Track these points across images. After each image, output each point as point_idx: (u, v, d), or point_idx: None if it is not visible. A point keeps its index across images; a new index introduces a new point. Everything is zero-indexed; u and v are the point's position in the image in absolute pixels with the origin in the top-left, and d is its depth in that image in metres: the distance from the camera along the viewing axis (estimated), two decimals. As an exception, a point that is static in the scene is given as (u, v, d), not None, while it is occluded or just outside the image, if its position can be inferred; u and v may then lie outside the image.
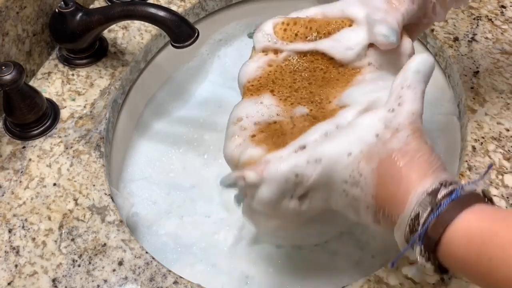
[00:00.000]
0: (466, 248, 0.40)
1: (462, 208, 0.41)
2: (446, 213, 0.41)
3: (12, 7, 0.65)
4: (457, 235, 0.41)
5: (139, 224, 0.69)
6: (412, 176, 0.44)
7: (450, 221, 0.41)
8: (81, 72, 0.73)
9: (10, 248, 0.58)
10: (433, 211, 0.41)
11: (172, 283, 0.56)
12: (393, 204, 0.44)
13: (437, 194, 0.42)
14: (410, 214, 0.43)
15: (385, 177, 0.45)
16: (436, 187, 0.43)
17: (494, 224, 0.40)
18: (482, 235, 0.40)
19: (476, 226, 0.41)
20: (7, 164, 0.64)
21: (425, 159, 0.45)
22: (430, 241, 0.42)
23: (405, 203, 0.43)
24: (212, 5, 0.85)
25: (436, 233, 0.41)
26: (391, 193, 0.45)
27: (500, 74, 0.72)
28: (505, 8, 0.80)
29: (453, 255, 0.41)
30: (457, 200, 0.42)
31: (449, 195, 0.42)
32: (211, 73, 0.85)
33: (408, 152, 0.45)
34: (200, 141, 0.77)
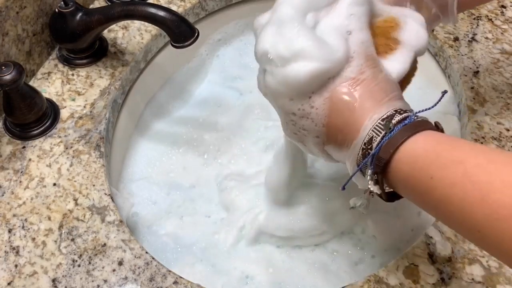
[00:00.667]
0: (411, 167, 0.42)
1: (413, 132, 0.43)
2: (398, 136, 0.43)
3: (12, 7, 0.65)
4: (404, 156, 0.42)
5: (139, 224, 0.69)
6: (367, 104, 0.45)
7: (400, 143, 0.42)
8: (81, 72, 0.73)
9: (10, 248, 0.58)
10: (386, 135, 0.43)
11: (172, 283, 0.56)
12: (346, 131, 0.45)
13: (392, 120, 0.43)
14: (364, 139, 0.44)
15: (339, 105, 0.46)
16: (391, 114, 0.44)
17: (438, 146, 0.42)
18: (427, 156, 0.41)
19: (423, 147, 0.42)
20: (7, 164, 0.64)
21: (381, 87, 0.46)
22: (380, 161, 0.43)
23: (359, 129, 0.45)
24: (212, 5, 0.85)
25: (386, 153, 0.43)
26: (345, 121, 0.45)
27: (500, 74, 0.72)
28: (505, 8, 0.80)
29: (399, 174, 0.43)
30: (409, 125, 0.43)
31: (402, 121, 0.43)
32: (210, 73, 0.85)
33: (363, 81, 0.45)
34: (200, 141, 0.77)
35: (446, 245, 0.58)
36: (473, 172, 0.39)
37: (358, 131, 0.45)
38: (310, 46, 0.46)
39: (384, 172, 0.44)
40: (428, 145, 0.42)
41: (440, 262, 0.57)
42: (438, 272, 0.56)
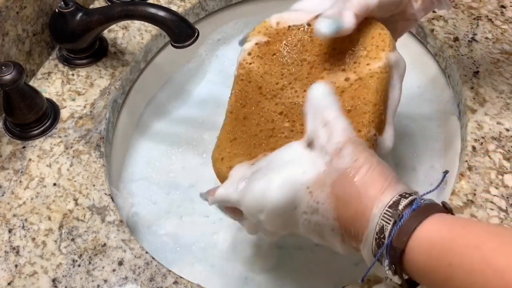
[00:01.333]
0: (427, 255, 0.41)
1: (423, 217, 0.42)
2: (408, 223, 0.42)
3: (12, 7, 0.65)
4: (419, 243, 0.41)
5: (139, 224, 0.69)
6: (370, 192, 0.44)
7: (412, 231, 0.42)
8: (81, 72, 0.73)
9: (10, 248, 0.58)
10: (396, 223, 0.42)
11: (172, 283, 0.56)
12: (357, 222, 0.45)
13: (398, 206, 0.43)
14: (375, 228, 0.43)
15: (344, 197, 0.45)
16: (396, 199, 0.43)
17: (453, 231, 0.41)
18: (442, 242, 0.41)
19: (437, 234, 0.41)
20: (7, 164, 0.64)
21: (378, 172, 0.45)
22: (395, 252, 0.42)
23: (368, 219, 0.44)
24: (212, 5, 0.85)
25: (400, 243, 0.42)
26: (353, 212, 0.45)
27: (500, 74, 0.72)
28: (505, 8, 0.80)
29: (416, 264, 0.42)
30: (418, 210, 0.42)
31: (409, 205, 0.43)
32: (209, 73, 0.85)
33: (359, 168, 0.45)
34: (199, 141, 0.77)
35: (446, 245, 0.58)
36: (491, 257, 0.38)
37: (368, 221, 0.44)
38: None
39: (401, 262, 0.43)
40: (442, 231, 0.41)
41: (440, 262, 0.57)
42: (438, 272, 0.56)
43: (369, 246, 0.44)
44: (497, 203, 0.61)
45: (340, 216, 0.46)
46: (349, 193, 0.45)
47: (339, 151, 0.46)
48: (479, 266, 0.38)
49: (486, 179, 0.62)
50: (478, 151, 0.65)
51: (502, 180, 0.63)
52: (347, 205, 0.45)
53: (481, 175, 0.63)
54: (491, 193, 0.61)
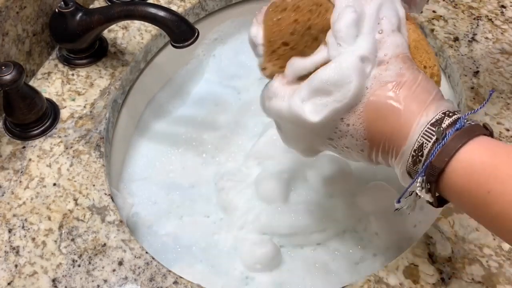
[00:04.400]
0: (467, 179, 0.40)
1: (467, 139, 0.41)
2: (451, 143, 0.41)
3: (12, 7, 0.65)
4: (460, 166, 0.40)
5: (139, 224, 0.69)
6: (412, 107, 0.43)
7: (455, 151, 0.40)
8: (81, 72, 0.73)
9: (10, 248, 0.58)
10: (438, 141, 0.41)
11: (172, 283, 0.56)
12: (393, 137, 0.44)
13: (441, 124, 0.42)
14: (413, 145, 0.42)
15: (382, 112, 0.44)
16: (440, 117, 0.42)
17: (496, 158, 0.40)
18: (484, 168, 0.40)
19: (479, 158, 0.40)
20: (7, 164, 0.64)
21: (423, 87, 0.44)
22: (434, 170, 0.41)
23: (407, 135, 0.43)
24: (212, 5, 0.85)
25: (441, 162, 0.41)
26: (391, 127, 0.44)
27: (500, 74, 0.72)
28: (505, 8, 0.80)
29: (454, 186, 0.41)
30: (461, 130, 0.41)
31: (453, 125, 0.41)
32: (207, 73, 0.86)
33: (404, 83, 0.44)
34: (199, 141, 0.77)
35: (446, 245, 0.58)
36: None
37: (406, 137, 0.43)
38: None
39: (437, 181, 0.42)
40: (485, 156, 0.40)
41: (440, 262, 0.57)
42: (438, 272, 0.56)
43: (404, 162, 0.43)
44: (497, 203, 0.61)
45: (372, 132, 0.45)
46: (391, 106, 0.44)
47: (387, 64, 0.45)
48: None
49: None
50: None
51: (502, 180, 0.62)
52: (386, 119, 0.44)
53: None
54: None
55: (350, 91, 0.44)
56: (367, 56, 0.45)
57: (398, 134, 0.43)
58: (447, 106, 0.44)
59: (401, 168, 0.44)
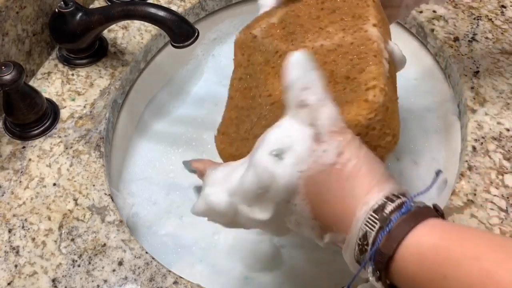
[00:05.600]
0: (419, 265, 0.38)
1: (414, 223, 0.39)
2: (398, 228, 0.39)
3: (12, 7, 0.65)
4: (409, 251, 0.38)
5: (139, 224, 0.69)
6: (354, 191, 0.41)
7: (402, 236, 0.38)
8: (81, 72, 0.73)
9: (10, 248, 0.58)
10: (382, 228, 0.39)
11: (172, 283, 0.56)
12: (338, 224, 0.42)
13: (384, 210, 0.39)
14: (358, 234, 0.40)
15: (324, 196, 0.42)
16: (382, 203, 0.40)
17: (448, 240, 0.38)
18: (436, 251, 0.37)
19: (430, 242, 0.38)
20: (7, 164, 0.64)
21: (365, 169, 0.41)
22: (383, 257, 0.39)
23: (351, 223, 0.40)
24: (212, 5, 0.85)
25: (388, 249, 0.38)
26: (333, 214, 0.42)
27: (500, 74, 0.72)
28: (505, 8, 0.80)
29: (405, 273, 0.39)
30: (408, 214, 0.39)
31: (397, 209, 0.39)
32: (206, 73, 0.86)
33: (345, 166, 0.41)
34: (199, 141, 0.77)
35: (446, 245, 0.58)
36: (494, 270, 0.35)
37: (350, 226, 0.40)
38: None
39: (387, 269, 0.39)
40: (435, 239, 0.38)
41: (440, 262, 0.57)
42: (438, 272, 0.56)
43: (351, 251, 0.41)
44: (497, 203, 0.61)
45: (320, 215, 0.43)
46: (330, 192, 0.41)
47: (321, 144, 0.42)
48: (479, 280, 0.35)
49: (486, 179, 0.62)
50: (478, 151, 0.65)
51: (502, 180, 0.62)
52: (330, 204, 0.42)
53: (481, 175, 0.63)
54: (491, 193, 0.61)
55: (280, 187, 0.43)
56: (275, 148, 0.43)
57: (342, 222, 0.41)
58: (392, 189, 0.41)
59: (349, 256, 0.42)
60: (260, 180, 0.43)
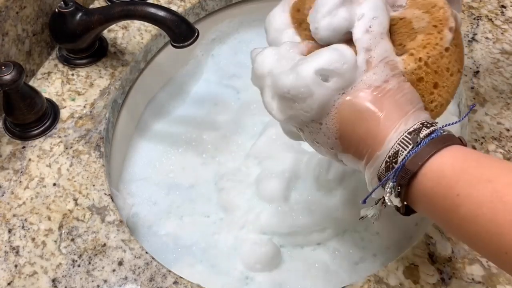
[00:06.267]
0: (437, 182, 0.41)
1: (441, 146, 0.42)
2: (426, 149, 0.41)
3: (12, 7, 0.65)
4: (430, 170, 0.41)
5: (139, 224, 0.69)
6: (392, 114, 0.43)
7: (428, 156, 0.41)
8: (81, 72, 0.73)
9: (10, 248, 0.58)
10: (413, 148, 0.42)
11: (172, 283, 0.56)
12: (368, 142, 0.44)
13: (419, 133, 0.42)
14: (388, 151, 0.43)
15: (361, 114, 0.44)
16: (418, 127, 0.43)
17: (466, 163, 0.41)
18: (454, 172, 0.40)
19: (450, 163, 0.41)
20: (7, 164, 0.64)
21: (407, 98, 0.44)
22: (407, 173, 0.41)
23: (384, 141, 0.43)
24: (212, 5, 0.85)
25: (414, 166, 0.41)
26: (367, 131, 0.44)
27: (500, 74, 0.72)
28: (505, 8, 0.80)
29: (424, 190, 0.41)
30: (436, 139, 0.42)
31: (429, 134, 0.42)
32: (206, 72, 0.86)
33: (389, 91, 0.44)
34: (198, 141, 0.77)
35: (446, 245, 0.58)
36: (504, 192, 0.37)
37: (382, 143, 0.43)
38: None
39: (408, 186, 0.42)
40: (455, 161, 0.41)
41: (440, 262, 0.57)
42: (438, 272, 0.56)
43: (376, 167, 0.44)
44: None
45: (347, 133, 0.45)
46: (369, 110, 0.44)
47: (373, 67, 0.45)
48: (489, 199, 0.38)
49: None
50: (478, 151, 0.65)
51: (502, 180, 0.62)
52: (362, 122, 0.44)
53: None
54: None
55: (314, 105, 0.45)
56: (325, 69, 0.44)
57: (374, 139, 0.43)
58: (426, 118, 0.44)
59: (372, 173, 0.44)
60: (297, 91, 0.45)
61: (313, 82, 0.44)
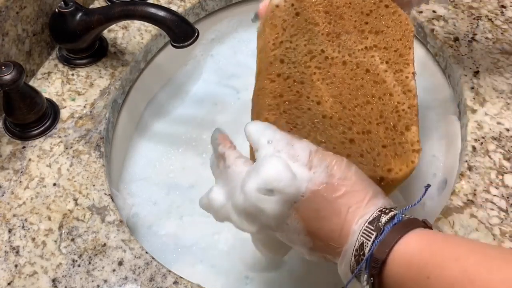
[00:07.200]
0: (407, 267, 0.41)
1: (405, 231, 0.42)
2: (390, 236, 0.42)
3: (12, 7, 0.65)
4: (398, 256, 0.41)
5: (139, 224, 0.69)
6: (349, 208, 0.44)
7: (394, 242, 0.41)
8: (81, 72, 0.73)
9: (10, 248, 0.58)
10: (377, 237, 0.42)
11: (172, 283, 0.56)
12: (334, 238, 0.44)
13: (379, 221, 0.43)
14: (354, 244, 0.43)
15: (320, 213, 0.44)
16: (377, 215, 0.43)
17: (433, 244, 0.41)
18: (422, 255, 0.41)
19: (417, 247, 0.41)
20: (7, 164, 0.64)
21: (359, 186, 0.45)
22: (376, 263, 0.42)
23: (348, 235, 0.43)
24: (212, 5, 0.85)
25: (382, 253, 0.42)
26: (330, 228, 0.44)
27: (500, 74, 0.72)
28: (505, 8, 0.80)
29: (395, 276, 0.42)
30: (399, 224, 0.42)
31: (390, 220, 0.43)
32: (205, 73, 0.86)
33: (337, 184, 0.44)
34: (198, 141, 0.77)
35: (446, 245, 0.58)
36: (471, 270, 0.38)
37: (347, 238, 0.44)
38: None
39: (380, 274, 0.42)
40: (422, 244, 0.42)
41: (440, 262, 0.57)
42: (438, 272, 0.56)
43: (347, 262, 0.44)
44: (497, 203, 0.61)
45: (313, 230, 0.45)
46: (326, 209, 0.44)
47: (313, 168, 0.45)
48: (459, 279, 0.38)
49: (486, 179, 0.62)
50: (478, 151, 0.65)
51: (502, 180, 0.63)
52: (324, 220, 0.44)
53: (481, 175, 0.63)
54: (491, 193, 0.61)
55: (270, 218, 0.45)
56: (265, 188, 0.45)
57: (339, 236, 0.44)
58: (383, 203, 0.44)
59: (344, 268, 0.45)
60: (250, 210, 0.46)
61: (259, 200, 0.45)
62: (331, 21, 0.58)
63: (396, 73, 0.56)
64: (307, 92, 0.54)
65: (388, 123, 0.54)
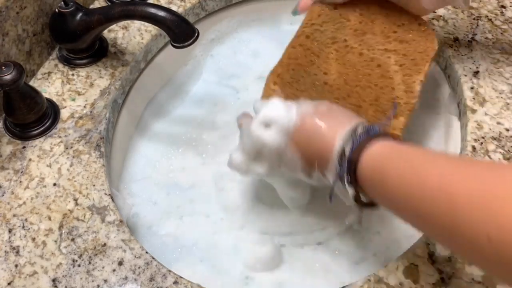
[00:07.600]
0: (373, 165, 0.50)
1: (375, 139, 0.51)
2: (363, 142, 0.51)
3: (12, 7, 0.65)
4: (368, 158, 0.50)
5: (139, 224, 0.69)
6: (333, 125, 0.54)
7: (364, 147, 0.51)
8: (81, 72, 0.73)
9: (10, 248, 0.58)
10: (353, 142, 0.51)
11: (172, 283, 0.56)
12: (324, 152, 0.54)
13: (356, 131, 0.52)
14: (338, 150, 0.52)
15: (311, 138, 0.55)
16: (354, 127, 0.53)
17: (393, 148, 0.50)
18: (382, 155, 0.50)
19: (380, 150, 0.51)
20: (7, 164, 0.64)
21: (340, 112, 0.57)
22: (351, 164, 0.51)
23: (333, 146, 0.53)
24: (212, 5, 0.85)
25: (355, 155, 0.51)
26: (320, 146, 0.54)
27: (500, 74, 0.72)
28: (505, 8, 0.80)
29: (366, 174, 0.50)
30: (371, 135, 0.52)
31: (365, 131, 0.52)
32: (205, 73, 0.86)
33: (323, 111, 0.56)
34: (198, 141, 0.77)
35: (446, 245, 0.58)
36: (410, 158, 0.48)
37: (332, 148, 0.53)
38: None
39: (355, 173, 0.51)
40: (385, 148, 0.51)
41: (440, 262, 0.57)
42: (438, 272, 0.56)
43: (332, 167, 0.53)
44: (497, 203, 0.61)
45: (307, 157, 0.55)
46: (316, 133, 0.54)
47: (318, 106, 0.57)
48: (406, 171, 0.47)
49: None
50: (478, 151, 0.65)
51: (502, 180, 0.62)
52: (314, 145, 0.54)
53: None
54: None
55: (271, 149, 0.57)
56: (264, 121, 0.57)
57: (326, 152, 0.53)
58: (363, 121, 0.54)
59: (333, 174, 0.53)
60: (255, 148, 0.58)
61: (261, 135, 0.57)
62: (362, 21, 0.67)
63: (405, 76, 0.62)
64: (319, 64, 0.64)
65: (380, 107, 0.61)
